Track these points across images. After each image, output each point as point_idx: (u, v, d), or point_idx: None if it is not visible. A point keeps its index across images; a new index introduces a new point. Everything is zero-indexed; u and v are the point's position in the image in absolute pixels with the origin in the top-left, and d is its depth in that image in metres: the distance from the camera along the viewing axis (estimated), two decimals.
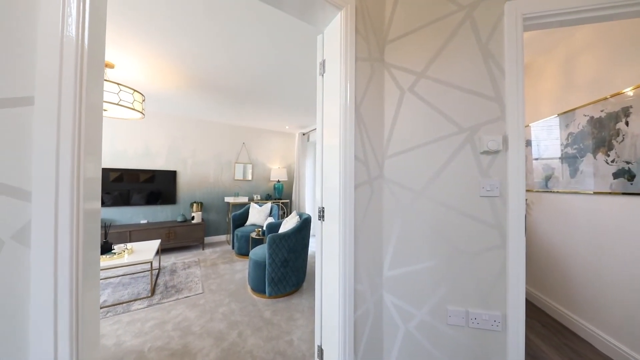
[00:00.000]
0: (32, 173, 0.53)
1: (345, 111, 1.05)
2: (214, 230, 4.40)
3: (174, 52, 1.99)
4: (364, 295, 1.16)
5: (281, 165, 5.20)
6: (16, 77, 0.53)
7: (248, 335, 1.73)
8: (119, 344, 1.63)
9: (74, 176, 0.54)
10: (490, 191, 1.09)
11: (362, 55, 1.15)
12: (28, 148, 0.54)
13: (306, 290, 2.46)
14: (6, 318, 0.52)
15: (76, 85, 0.56)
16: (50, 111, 0.54)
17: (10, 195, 0.53)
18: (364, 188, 1.16)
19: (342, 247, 1.04)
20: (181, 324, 1.87)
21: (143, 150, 3.80)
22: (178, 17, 1.56)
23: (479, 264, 1.11)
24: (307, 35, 1.73)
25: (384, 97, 1.27)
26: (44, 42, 0.55)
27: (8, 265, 0.53)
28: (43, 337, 0.54)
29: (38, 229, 0.53)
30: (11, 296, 0.53)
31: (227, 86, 2.73)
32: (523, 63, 1.07)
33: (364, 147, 1.16)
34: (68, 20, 0.57)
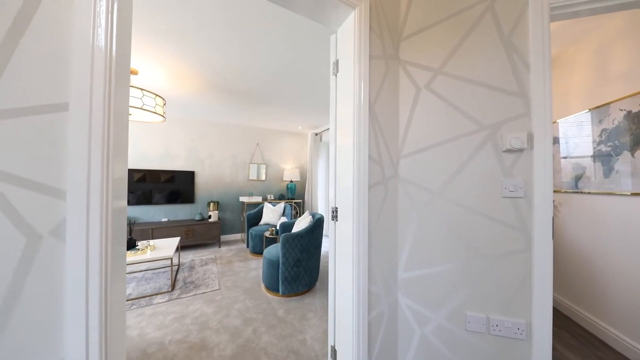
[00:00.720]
0: (67, 173, 0.57)
1: (359, 110, 1.04)
2: (230, 228, 4.52)
3: (193, 57, 2.07)
4: (378, 297, 1.14)
5: (294, 166, 5.25)
6: (53, 85, 0.58)
7: (262, 333, 1.77)
8: (142, 335, 1.72)
9: (103, 176, 0.58)
10: (513, 192, 1.04)
11: (376, 53, 1.14)
12: (64, 150, 0.58)
13: (319, 290, 2.47)
14: (45, 306, 0.57)
15: (105, 92, 0.60)
16: (83, 116, 0.59)
17: (48, 194, 0.57)
18: (378, 188, 1.14)
19: (355, 247, 1.03)
20: (199, 318, 1.94)
21: (164, 151, 3.99)
22: (198, 23, 1.62)
23: (500, 268, 1.06)
24: (320, 35, 1.74)
25: (399, 95, 1.24)
26: (77, 52, 0.59)
27: (46, 259, 0.57)
28: (76, 325, 0.58)
29: (72, 225, 0.57)
30: (49, 286, 0.57)
31: (243, 89, 2.80)
32: (550, 56, 1.01)
33: (378, 147, 1.15)
34: (98, 31, 0.61)
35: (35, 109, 0.56)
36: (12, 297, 0.55)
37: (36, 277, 0.57)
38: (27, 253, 0.56)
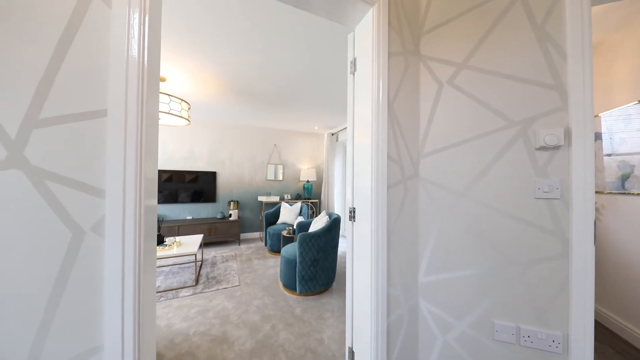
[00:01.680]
0: (106, 174, 0.63)
1: (377, 109, 1.02)
2: (249, 227, 4.67)
3: (216, 63, 2.16)
4: (397, 300, 1.11)
5: (310, 166, 5.28)
6: (94, 93, 0.64)
7: (280, 330, 1.80)
8: (170, 325, 1.84)
9: (137, 177, 0.63)
10: (548, 192, 0.96)
11: (395, 49, 1.11)
12: (103, 153, 0.64)
13: (336, 290, 2.46)
14: (88, 295, 0.63)
15: (138, 98, 0.65)
16: (119, 122, 0.64)
17: (90, 193, 0.63)
18: (398, 188, 1.11)
19: (374, 249, 1.02)
20: (220, 312, 2.02)
21: (188, 153, 4.21)
22: (221, 28, 1.69)
23: (533, 275, 0.98)
24: (337, 34, 1.73)
25: (420, 92, 1.20)
26: (114, 62, 0.64)
27: (88, 252, 0.63)
28: (113, 313, 0.63)
29: (110, 222, 0.62)
30: (91, 277, 0.63)
31: (262, 91, 2.87)
32: (591, 44, 0.91)
33: (398, 146, 1.12)
34: (131, 42, 0.66)
35: (79, 116, 0.62)
36: (61, 283, 0.61)
37: (80, 268, 0.63)
38: (73, 247, 0.62)
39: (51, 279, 0.61)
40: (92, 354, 0.64)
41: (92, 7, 0.65)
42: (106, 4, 0.66)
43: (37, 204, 0.59)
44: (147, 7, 0.69)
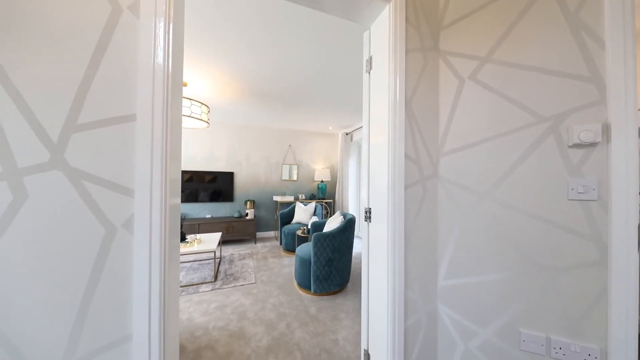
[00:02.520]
0: (135, 174, 0.67)
1: (394, 107, 1.00)
2: (264, 226, 4.76)
3: (234, 67, 2.23)
4: (415, 304, 1.08)
5: (324, 166, 5.29)
6: (124, 99, 0.68)
7: (295, 328, 1.82)
8: (191, 319, 1.92)
9: (162, 177, 0.66)
10: (583, 193, 0.88)
11: (413, 46, 1.08)
12: (132, 154, 0.68)
13: (350, 291, 2.44)
14: (119, 287, 0.68)
15: (163, 103, 0.68)
16: (146, 125, 0.68)
17: (121, 192, 0.68)
18: (416, 188, 1.08)
19: (390, 250, 0.99)
20: (238, 309, 2.08)
21: (208, 154, 4.39)
22: (240, 33, 1.74)
23: (566, 282, 0.91)
24: (352, 34, 1.72)
25: (439, 88, 1.16)
26: (141, 70, 0.68)
27: (120, 247, 0.68)
28: (141, 304, 0.67)
29: (139, 219, 0.66)
30: (122, 271, 0.68)
31: (277, 93, 2.92)
32: (633, 30, 0.83)
33: (416, 145, 1.08)
34: (157, 50, 0.70)
35: (112, 121, 0.67)
36: (95, 276, 0.66)
37: (112, 263, 0.67)
38: (106, 242, 0.67)
39: (87, 271, 0.66)
40: (123, 342, 0.69)
41: (122, 18, 0.69)
42: (135, 15, 0.71)
43: (75, 202, 0.65)
44: (171, 16, 0.72)
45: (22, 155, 0.62)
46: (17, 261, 0.61)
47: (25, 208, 0.62)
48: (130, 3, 0.70)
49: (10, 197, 0.61)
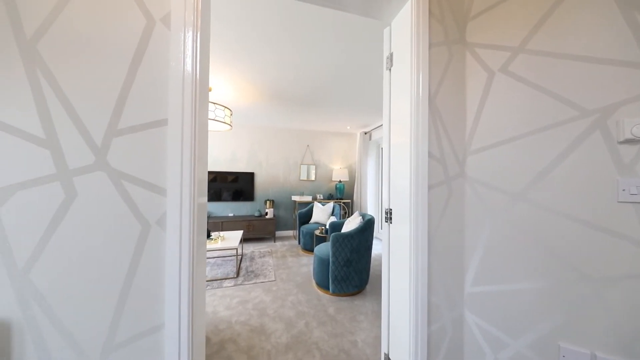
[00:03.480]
0: (167, 174, 0.72)
1: (417, 104, 0.96)
2: (283, 225, 4.86)
3: (255, 70, 2.30)
4: (439, 310, 1.04)
5: (342, 166, 5.25)
6: (158, 105, 0.73)
7: (314, 327, 1.83)
8: (215, 312, 2.02)
9: (191, 177, 0.70)
10: (636, 195, 0.78)
11: (437, 40, 1.03)
12: (164, 156, 0.73)
13: (369, 293, 2.40)
14: (153, 279, 0.73)
15: (192, 108, 0.72)
16: (177, 129, 0.72)
17: (155, 191, 0.73)
18: (440, 189, 1.03)
19: (413, 253, 0.96)
20: (259, 305, 2.15)
21: (230, 155, 4.58)
22: (261, 37, 1.79)
23: (615, 294, 0.81)
24: (370, 30, 1.69)
25: (466, 83, 1.10)
26: (172, 78, 0.73)
27: (154, 243, 0.73)
28: (172, 296, 0.72)
29: (170, 216, 0.71)
30: (155, 265, 0.73)
31: (295, 95, 2.97)
32: None
33: (440, 143, 1.04)
34: (186, 59, 0.74)
35: (147, 125, 0.72)
36: (133, 268, 0.72)
37: (147, 257, 0.73)
38: (142, 237, 0.72)
39: (126, 263, 0.72)
40: (156, 330, 0.74)
41: (156, 29, 0.75)
42: (166, 26, 0.76)
43: (115, 200, 0.71)
44: (198, 26, 0.76)
45: (72, 157, 0.69)
46: (69, 253, 0.69)
47: (75, 205, 0.69)
48: (163, 15, 0.76)
49: (63, 195, 0.69)
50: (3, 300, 0.66)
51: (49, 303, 0.68)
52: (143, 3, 0.74)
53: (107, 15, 0.72)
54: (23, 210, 0.67)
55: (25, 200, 0.67)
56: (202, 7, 0.79)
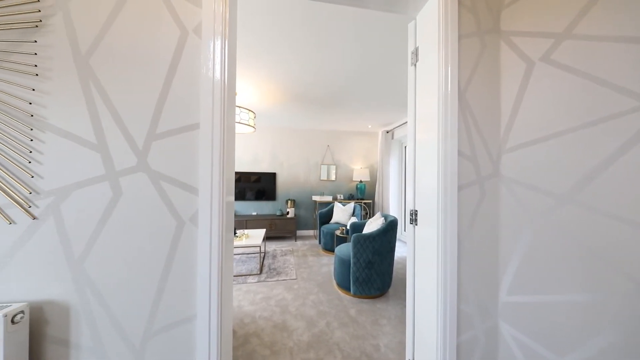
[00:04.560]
0: (199, 175, 0.77)
1: (445, 100, 0.91)
2: (304, 224, 4.92)
3: (277, 72, 2.36)
4: (470, 319, 0.97)
5: (363, 166, 5.17)
6: (191, 110, 0.78)
7: (335, 328, 1.82)
8: (240, 307, 2.10)
9: (220, 177, 0.74)
10: None
11: (467, 31, 0.97)
12: (197, 157, 0.78)
13: (392, 297, 2.33)
14: (187, 273, 0.78)
15: (221, 113, 0.76)
16: (207, 132, 0.76)
17: (188, 191, 0.78)
18: (472, 189, 0.97)
19: (441, 257, 0.91)
20: (281, 302, 2.20)
21: (253, 156, 4.75)
22: (284, 40, 1.83)
23: None
24: (392, 26, 1.64)
25: (501, 75, 1.02)
26: (203, 84, 0.78)
27: (187, 238, 0.78)
28: (204, 289, 0.76)
29: (202, 214, 0.76)
30: (189, 259, 0.78)
31: (316, 95, 2.99)
32: None
33: (471, 140, 0.97)
34: (216, 66, 0.78)
35: (181, 129, 0.78)
36: (169, 262, 0.78)
37: (181, 251, 0.78)
38: (177, 233, 0.78)
39: (163, 257, 0.78)
40: (189, 320, 0.79)
41: (189, 39, 0.80)
42: (198, 36, 0.81)
43: (154, 198, 0.77)
44: (226, 34, 0.80)
45: (118, 160, 0.77)
46: (115, 246, 0.77)
47: (121, 203, 0.77)
48: (194, 26, 0.81)
49: (111, 194, 0.77)
50: (63, 286, 0.75)
51: (99, 290, 0.77)
52: (177, 16, 0.80)
53: (146, 29, 0.78)
54: (79, 207, 0.76)
55: (81, 198, 0.76)
56: (229, 15, 0.83)
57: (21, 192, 0.73)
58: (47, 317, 0.74)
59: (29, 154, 0.73)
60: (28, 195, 0.73)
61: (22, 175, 0.73)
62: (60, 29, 0.75)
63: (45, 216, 0.74)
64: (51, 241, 0.74)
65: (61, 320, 0.75)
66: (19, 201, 0.73)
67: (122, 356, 0.78)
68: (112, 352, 0.77)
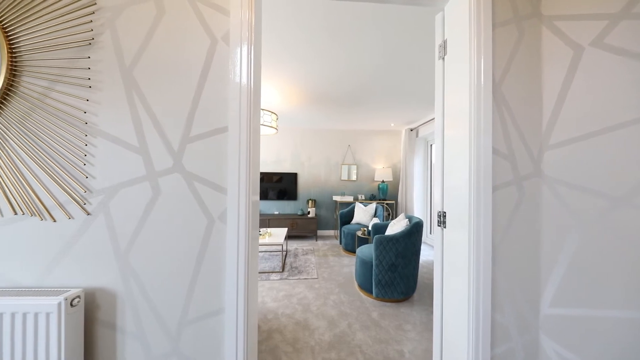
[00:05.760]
0: (227, 175, 0.80)
1: (477, 93, 0.85)
2: (324, 224, 4.93)
3: (301, 74, 2.40)
4: (505, 330, 0.90)
5: (386, 165, 5.04)
6: (220, 114, 0.82)
7: (357, 330, 1.80)
8: (263, 303, 2.17)
9: (247, 177, 0.77)
10: None
11: (502, 18, 0.90)
12: (225, 159, 0.82)
13: (417, 302, 2.24)
14: (216, 268, 0.82)
15: (247, 116, 0.79)
16: (235, 135, 0.80)
17: (217, 190, 0.82)
18: (508, 190, 0.89)
19: (473, 263, 0.85)
20: (302, 300, 2.22)
21: (275, 157, 4.87)
22: (307, 41, 1.85)
23: None
24: (416, 20, 1.57)
25: (542, 64, 0.92)
26: (231, 90, 0.81)
27: (217, 235, 0.82)
28: (231, 284, 0.80)
29: (230, 212, 0.79)
30: (218, 255, 0.82)
31: (338, 95, 2.98)
32: None
33: (507, 137, 0.90)
34: (242, 72, 0.82)
35: (211, 132, 0.82)
36: (200, 257, 0.83)
37: (212, 247, 0.83)
38: (207, 230, 0.83)
39: (195, 252, 0.83)
40: (218, 313, 0.84)
41: (218, 47, 0.84)
42: (226, 43, 0.85)
43: (188, 197, 0.83)
44: (252, 40, 0.83)
45: (157, 162, 0.84)
46: (155, 240, 0.84)
47: (159, 201, 0.83)
48: (223, 34, 0.85)
49: (151, 193, 0.84)
50: (111, 275, 0.84)
51: (141, 280, 0.84)
52: (208, 25, 0.85)
53: (180, 40, 0.84)
54: (124, 205, 0.84)
55: (126, 196, 0.84)
56: (255, 21, 0.86)
57: (78, 191, 0.83)
58: (98, 302, 0.84)
59: (84, 157, 0.83)
60: (83, 194, 0.83)
61: (78, 175, 0.83)
62: (108, 45, 0.83)
63: (97, 212, 0.83)
64: (102, 235, 0.83)
65: (109, 306, 0.84)
66: (76, 199, 0.83)
67: (160, 342, 0.84)
68: (151, 337, 0.84)
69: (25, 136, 0.81)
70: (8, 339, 0.71)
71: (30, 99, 0.81)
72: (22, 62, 0.81)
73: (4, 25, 0.79)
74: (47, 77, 0.81)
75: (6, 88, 0.79)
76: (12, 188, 0.81)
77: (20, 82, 0.81)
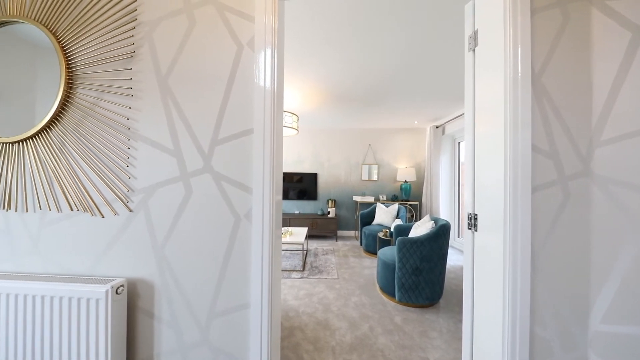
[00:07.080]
0: (253, 175, 0.83)
1: (514, 85, 0.79)
2: (345, 225, 4.89)
3: (320, 72, 2.40)
4: (548, 345, 0.81)
5: (408, 165, 4.86)
6: (246, 117, 0.86)
7: (379, 333, 1.76)
8: (285, 300, 2.22)
9: (271, 177, 0.80)
10: None
11: (543, 2, 0.82)
12: (250, 160, 0.85)
13: (444, 308, 2.13)
14: (243, 264, 0.86)
15: (271, 118, 0.82)
16: (259, 136, 0.83)
17: (243, 190, 0.86)
18: (551, 191, 0.81)
19: (509, 270, 0.79)
20: (323, 300, 2.23)
21: (296, 157, 4.95)
22: (328, 40, 1.86)
23: None
24: (440, 11, 1.49)
25: (592, 50, 0.82)
26: (256, 93, 0.84)
27: (243, 233, 0.86)
28: (257, 280, 0.83)
29: (255, 211, 0.82)
30: (244, 252, 0.85)
31: (359, 93, 2.94)
32: None
33: (549, 132, 0.81)
34: (267, 75, 0.84)
35: (238, 135, 0.86)
36: (228, 253, 0.87)
37: (238, 244, 0.86)
38: (234, 228, 0.86)
39: (223, 248, 0.87)
40: (244, 308, 0.87)
41: (244, 52, 0.88)
42: (251, 49, 0.88)
43: (217, 197, 0.87)
44: (275, 44, 0.85)
45: (189, 163, 0.90)
46: (187, 236, 0.89)
47: (192, 200, 0.89)
48: (248, 40, 0.88)
49: (184, 192, 0.90)
50: (149, 267, 0.92)
51: (175, 273, 0.91)
52: (234, 32, 0.89)
53: (209, 48, 0.89)
54: (161, 203, 0.91)
55: (162, 195, 0.91)
56: (278, 26, 0.88)
57: (122, 190, 0.91)
58: (139, 291, 0.92)
59: (127, 159, 0.91)
60: (126, 193, 0.91)
61: (122, 176, 0.91)
62: (147, 56, 0.91)
63: (138, 210, 0.91)
64: (142, 230, 0.91)
65: (148, 295, 0.92)
66: (120, 197, 0.91)
67: (191, 331, 0.90)
68: (184, 326, 0.90)
69: (79, 141, 0.92)
70: (66, 319, 0.81)
71: (83, 108, 0.92)
72: (76, 76, 0.91)
73: (62, 45, 0.90)
74: (97, 88, 0.91)
75: (64, 99, 0.90)
76: (69, 187, 0.93)
77: (75, 93, 0.92)
